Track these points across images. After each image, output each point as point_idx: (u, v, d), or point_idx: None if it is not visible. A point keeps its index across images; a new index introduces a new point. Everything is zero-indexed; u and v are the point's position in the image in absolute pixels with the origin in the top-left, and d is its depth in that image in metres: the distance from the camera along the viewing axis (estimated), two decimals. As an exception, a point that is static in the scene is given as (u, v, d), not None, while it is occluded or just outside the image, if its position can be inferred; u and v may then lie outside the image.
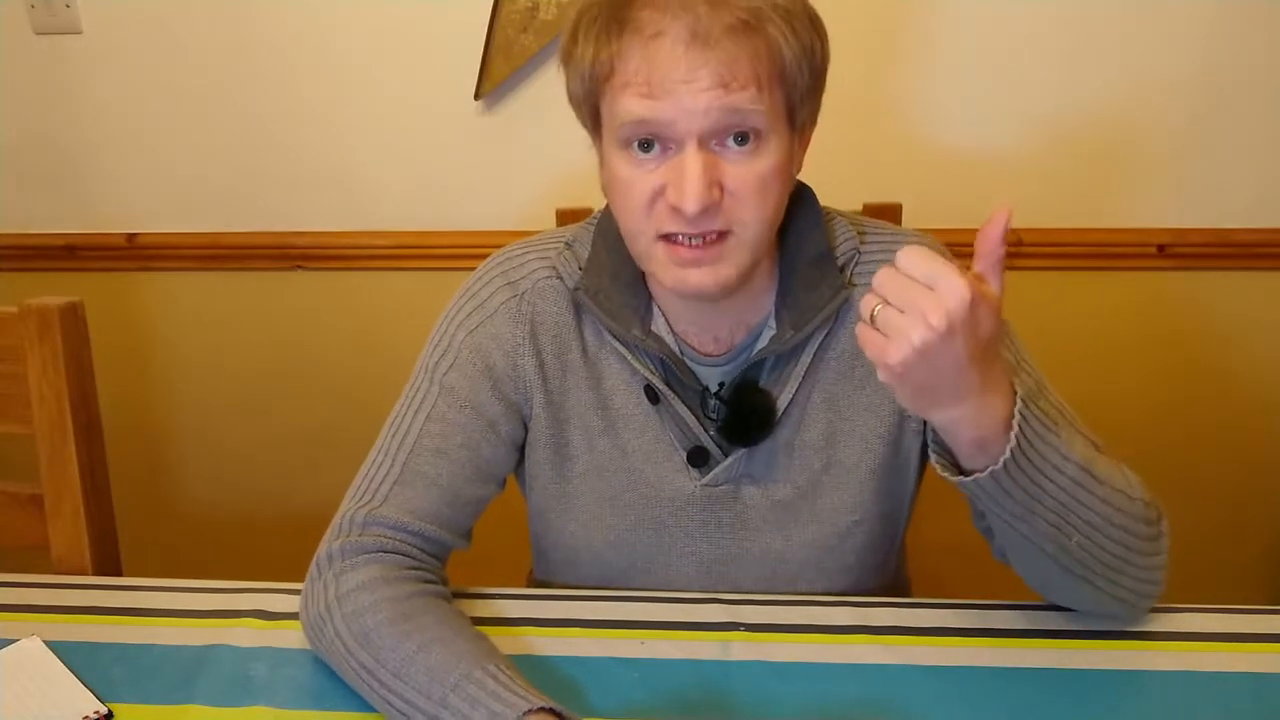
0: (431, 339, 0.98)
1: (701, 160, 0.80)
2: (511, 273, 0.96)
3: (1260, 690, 0.83)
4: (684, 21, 0.77)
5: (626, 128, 0.81)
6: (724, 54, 0.77)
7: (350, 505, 0.92)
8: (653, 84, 0.78)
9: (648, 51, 0.78)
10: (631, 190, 0.83)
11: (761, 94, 0.79)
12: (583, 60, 0.82)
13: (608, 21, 0.80)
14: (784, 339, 0.91)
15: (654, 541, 0.98)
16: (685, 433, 0.95)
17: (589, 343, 0.96)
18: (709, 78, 0.77)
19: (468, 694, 0.75)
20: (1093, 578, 0.83)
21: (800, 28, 0.81)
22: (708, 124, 0.79)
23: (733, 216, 0.82)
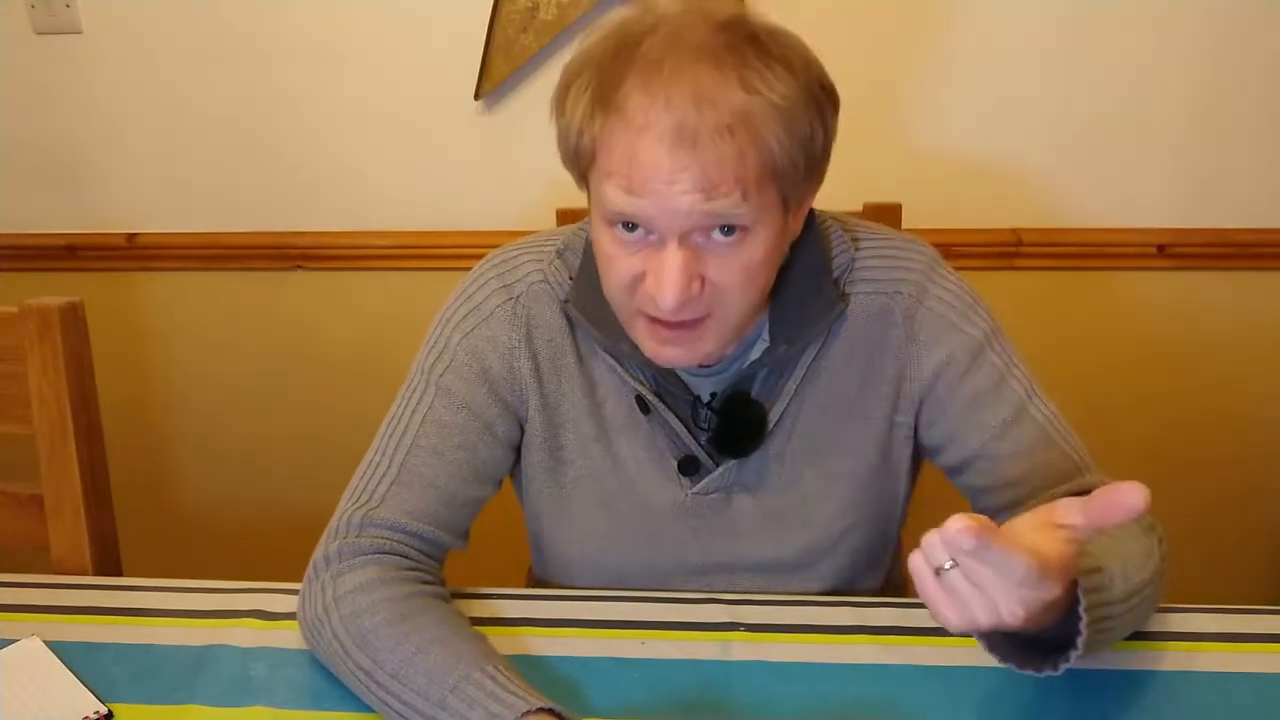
0: (427, 341, 0.98)
1: (681, 258, 0.78)
2: (507, 275, 0.96)
3: (1260, 690, 0.83)
4: (670, 119, 0.74)
5: (609, 214, 0.80)
6: (708, 158, 0.74)
7: (347, 507, 0.92)
8: (633, 181, 0.77)
9: (631, 146, 0.76)
10: (613, 266, 0.83)
11: (748, 198, 0.77)
12: (569, 129, 0.81)
13: (595, 97, 0.78)
14: (777, 352, 0.90)
15: (647, 548, 0.98)
16: (676, 442, 0.95)
17: (582, 349, 0.96)
18: (690, 182, 0.75)
19: (466, 695, 0.75)
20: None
21: (797, 122, 0.77)
22: (689, 224, 0.78)
23: (713, 303, 0.82)
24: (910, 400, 0.94)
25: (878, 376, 0.94)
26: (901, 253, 0.95)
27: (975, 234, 1.60)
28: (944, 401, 0.93)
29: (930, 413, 0.94)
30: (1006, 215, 1.62)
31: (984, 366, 0.92)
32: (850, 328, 0.93)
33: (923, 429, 0.96)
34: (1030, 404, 0.92)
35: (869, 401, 0.94)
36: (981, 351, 0.92)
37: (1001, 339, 0.94)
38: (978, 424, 0.92)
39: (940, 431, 0.94)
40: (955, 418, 0.93)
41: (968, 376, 0.92)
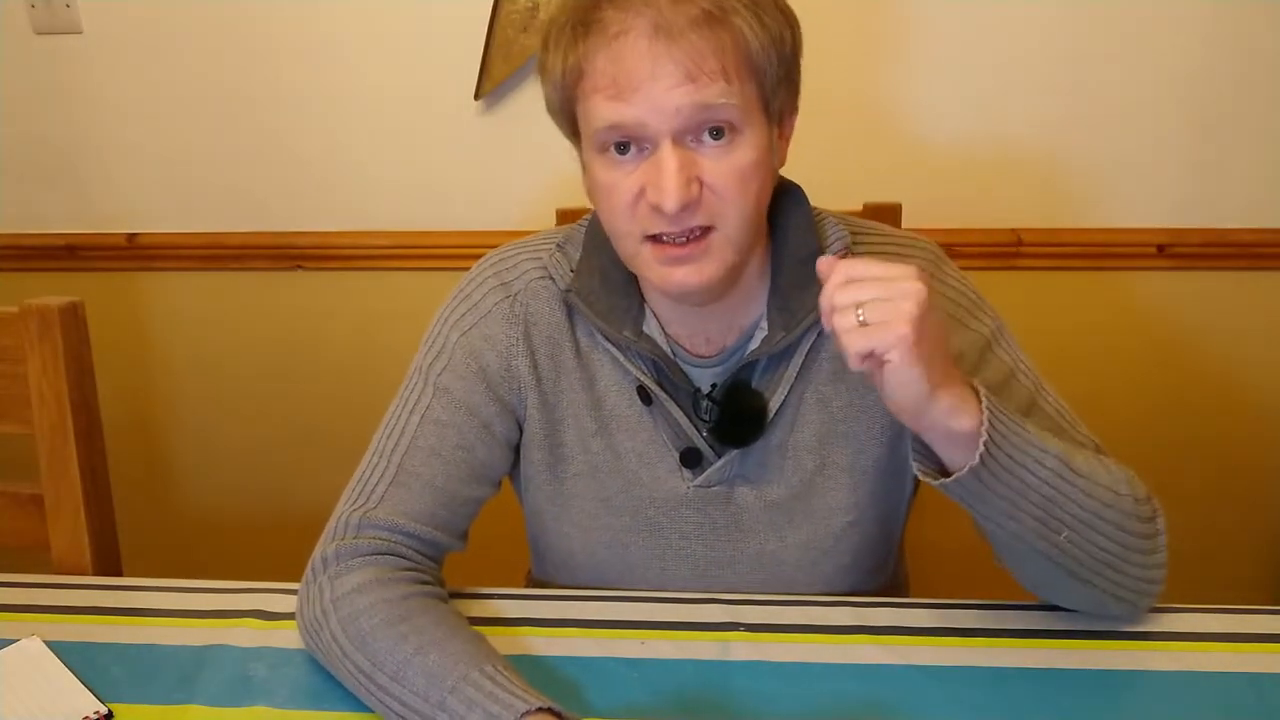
0: (425, 340, 0.98)
1: (677, 157, 0.79)
2: (505, 273, 0.96)
3: (1260, 690, 0.83)
4: (646, 17, 0.77)
5: (601, 133, 0.81)
6: (688, 47, 0.77)
7: (345, 508, 0.92)
8: (620, 84, 0.78)
9: (612, 51, 0.78)
10: (613, 194, 0.83)
11: (731, 86, 0.79)
12: (554, 69, 0.82)
13: (574, 26, 0.80)
14: (775, 340, 0.90)
15: (649, 543, 0.98)
16: (678, 434, 0.95)
17: (582, 343, 0.96)
18: (675, 73, 0.77)
19: (465, 696, 0.75)
20: (1089, 575, 0.83)
21: (768, 17, 0.80)
22: (680, 122, 0.79)
23: (714, 211, 0.82)
24: None
25: None
26: (905, 250, 0.95)
27: (975, 234, 1.60)
28: None
29: None
30: (1006, 215, 1.62)
31: (992, 362, 0.92)
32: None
33: None
34: (1039, 397, 0.92)
35: (871, 394, 0.94)
36: (989, 348, 0.92)
37: (1007, 336, 0.94)
38: None
39: None
40: None
41: (977, 373, 0.91)
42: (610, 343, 0.93)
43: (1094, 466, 0.84)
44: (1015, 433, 0.78)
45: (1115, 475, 0.86)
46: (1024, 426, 0.79)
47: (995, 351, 0.92)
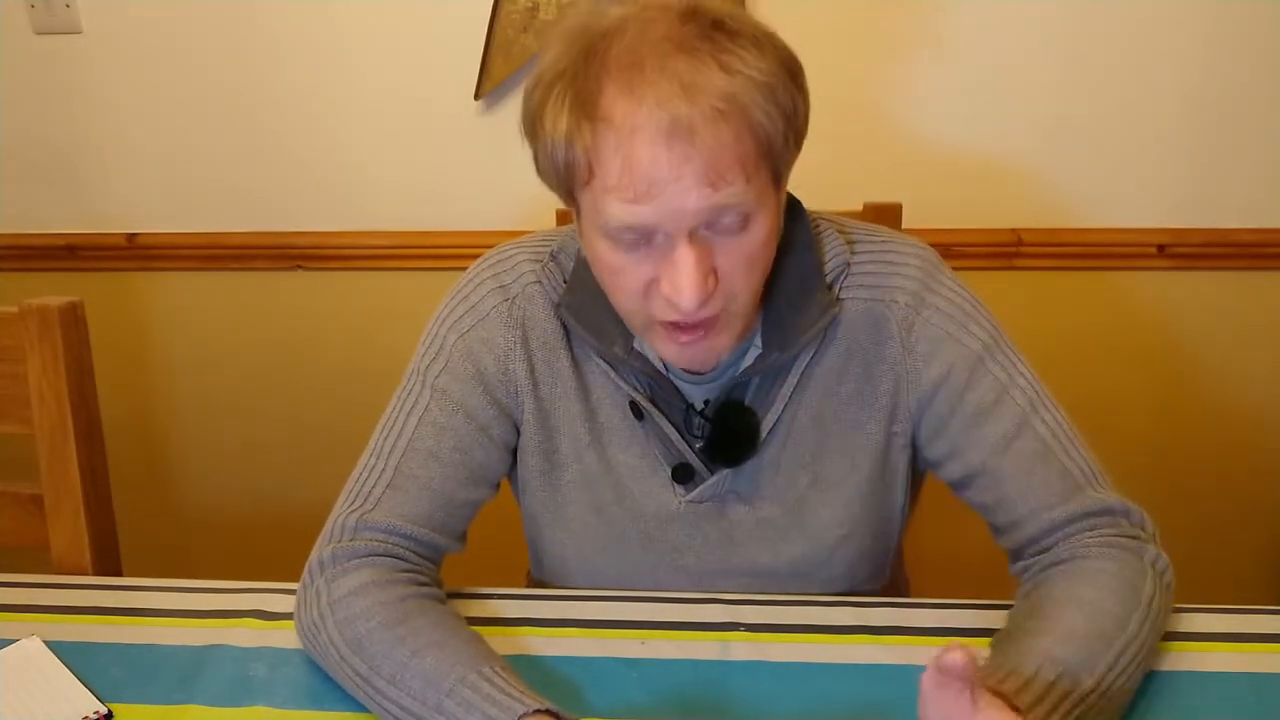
0: (423, 341, 0.97)
1: (694, 255, 0.77)
2: (503, 275, 0.95)
3: (1260, 690, 0.83)
4: (659, 116, 0.73)
5: (614, 230, 0.78)
6: (707, 147, 0.74)
7: (342, 510, 0.92)
8: (637, 189, 0.75)
9: (626, 152, 0.74)
10: (620, 278, 0.82)
11: (750, 182, 0.76)
12: (554, 146, 0.79)
13: (575, 106, 0.76)
14: (770, 359, 0.89)
15: (642, 553, 0.97)
16: (670, 449, 0.94)
17: (577, 353, 0.95)
18: (693, 175, 0.74)
19: (463, 699, 0.75)
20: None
21: (781, 94, 0.77)
22: (698, 221, 0.77)
23: (727, 294, 0.81)
24: (908, 412, 0.93)
25: (874, 387, 0.92)
26: (899, 258, 0.93)
27: (975, 234, 1.60)
28: (944, 416, 0.91)
29: (930, 427, 0.92)
30: (1006, 215, 1.62)
31: (984, 379, 0.90)
32: (845, 334, 0.91)
33: (923, 443, 0.94)
34: (1034, 416, 0.89)
35: (865, 411, 0.93)
36: (981, 363, 0.90)
37: (1003, 346, 0.92)
38: (979, 439, 0.90)
39: (941, 446, 0.92)
40: (956, 433, 0.91)
41: (968, 390, 0.90)
42: (602, 358, 0.92)
43: (1109, 637, 0.78)
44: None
45: (1121, 611, 0.80)
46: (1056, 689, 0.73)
47: (988, 366, 0.90)
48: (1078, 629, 0.78)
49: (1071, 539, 0.87)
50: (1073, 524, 0.87)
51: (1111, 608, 0.80)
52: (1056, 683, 0.73)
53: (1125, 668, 0.77)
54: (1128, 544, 0.86)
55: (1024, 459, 0.89)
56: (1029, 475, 0.88)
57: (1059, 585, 0.84)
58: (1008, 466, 0.89)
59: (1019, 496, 0.89)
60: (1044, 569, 0.87)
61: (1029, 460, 0.89)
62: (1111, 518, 0.87)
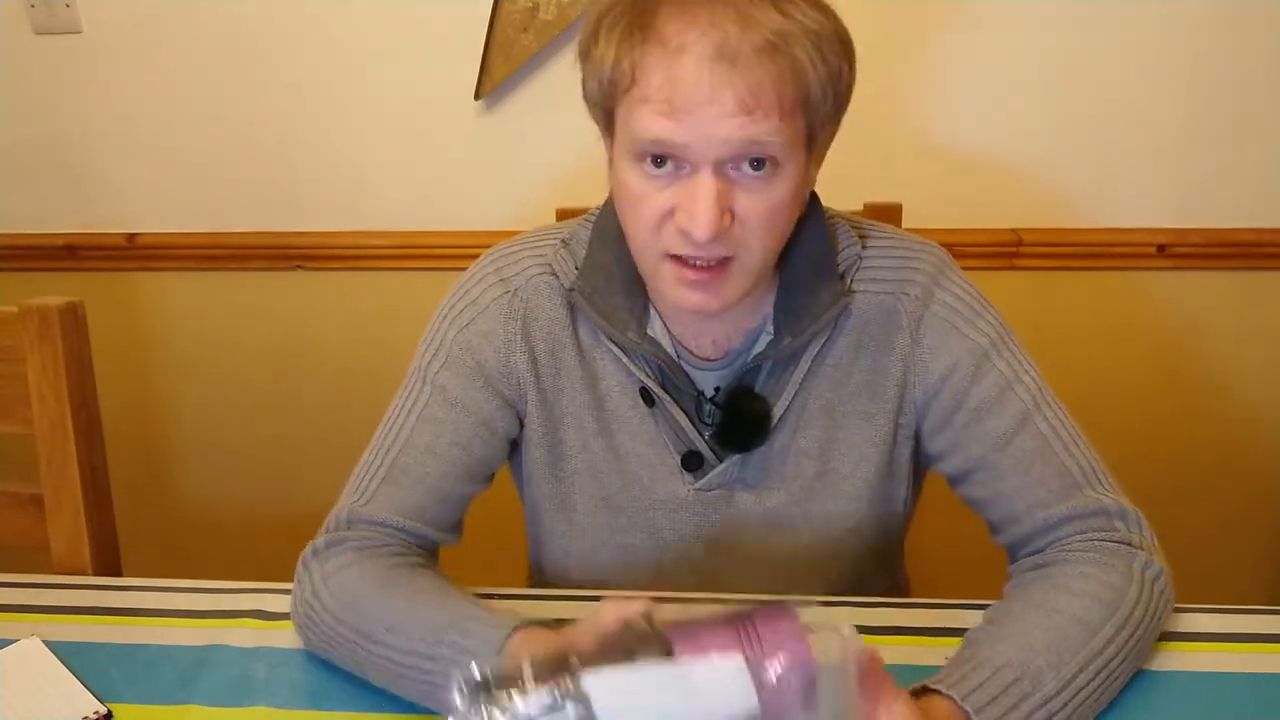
0: (425, 337, 0.97)
1: (715, 187, 0.77)
2: (505, 269, 0.96)
3: (1260, 690, 0.83)
4: (711, 38, 0.74)
5: (642, 144, 0.79)
6: (749, 76, 0.74)
7: (340, 505, 0.93)
8: (674, 103, 0.75)
9: (671, 67, 0.75)
10: (641, 205, 0.82)
11: (784, 122, 0.76)
12: (602, 63, 0.79)
13: (630, 26, 0.77)
14: (781, 345, 0.90)
15: (647, 543, 0.98)
16: (680, 436, 0.94)
17: (584, 342, 0.95)
18: (733, 100, 0.74)
19: (463, 627, 0.77)
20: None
21: (830, 51, 0.77)
22: (726, 151, 0.77)
23: (739, 242, 0.81)
24: (914, 403, 0.94)
25: (883, 377, 0.93)
26: (911, 253, 0.94)
27: (975, 234, 1.60)
28: (948, 409, 0.92)
29: (934, 419, 0.93)
30: (1006, 215, 1.62)
31: (989, 374, 0.90)
32: (856, 325, 0.92)
33: (926, 435, 0.95)
34: (1036, 413, 0.90)
35: (874, 403, 0.94)
36: (987, 358, 0.91)
37: (1010, 344, 0.93)
38: (980, 433, 0.90)
39: (944, 439, 0.93)
40: (959, 426, 0.91)
41: (972, 384, 0.90)
42: (614, 343, 0.92)
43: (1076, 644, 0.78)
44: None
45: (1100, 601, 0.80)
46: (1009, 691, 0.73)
47: (993, 361, 0.91)
48: (1041, 635, 0.77)
49: (1063, 542, 0.87)
50: (1065, 524, 0.87)
51: (1081, 614, 0.79)
52: (1014, 685, 0.73)
53: (1096, 674, 0.77)
54: (1115, 548, 0.85)
55: (1024, 455, 0.89)
56: (1028, 472, 0.89)
57: (1035, 589, 0.83)
58: (1007, 462, 0.89)
59: (1016, 493, 0.89)
60: (1031, 569, 0.88)
61: (1029, 457, 0.89)
62: (1105, 519, 0.87)
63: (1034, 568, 0.87)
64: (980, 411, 0.90)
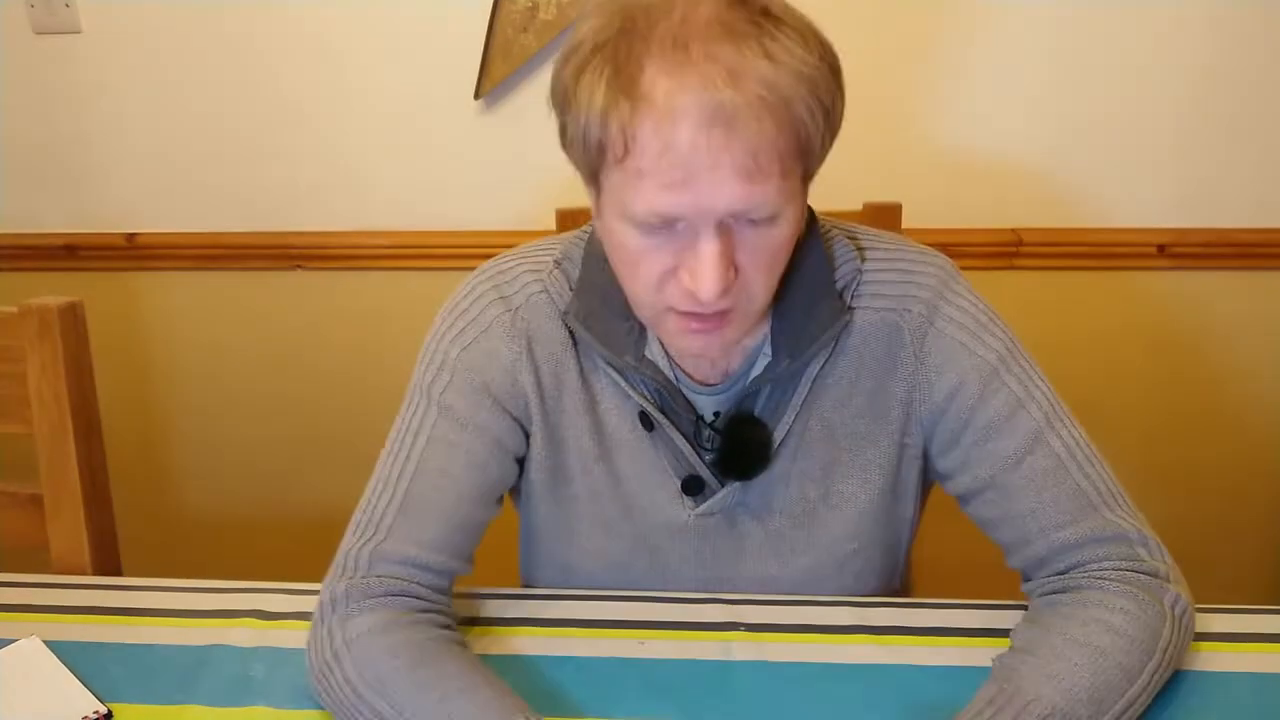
0: (422, 358, 0.93)
1: (719, 246, 0.75)
2: (504, 286, 0.92)
3: (1260, 690, 0.83)
4: (703, 100, 0.70)
5: (640, 215, 0.75)
6: (747, 138, 0.71)
7: (353, 541, 0.87)
8: (673, 175, 0.72)
9: (665, 136, 0.71)
10: (639, 265, 0.79)
11: (784, 179, 0.74)
12: (587, 121, 0.74)
13: (614, 80, 0.73)
14: (779, 367, 0.88)
15: (648, 565, 0.96)
16: (680, 461, 0.92)
17: (584, 364, 0.92)
18: (731, 165, 0.71)
19: None
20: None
21: (823, 90, 0.74)
22: (728, 214, 0.74)
23: (745, 289, 0.79)
24: (920, 424, 0.91)
25: (886, 398, 0.90)
26: (913, 267, 0.91)
27: (975, 234, 1.60)
28: (956, 429, 0.89)
29: (942, 439, 0.90)
30: (1006, 215, 1.62)
31: (999, 392, 0.87)
32: (857, 344, 0.89)
33: (934, 455, 0.92)
34: (1049, 431, 0.87)
35: (877, 424, 0.91)
36: (995, 375, 0.88)
37: (1020, 358, 0.89)
38: (990, 453, 0.87)
39: (953, 459, 0.90)
40: (968, 446, 0.88)
41: (981, 403, 0.87)
42: (612, 367, 0.90)
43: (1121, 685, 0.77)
44: None
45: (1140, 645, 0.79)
46: None
47: (1002, 378, 0.88)
48: (1087, 679, 0.76)
49: (1087, 567, 0.84)
50: (1084, 549, 0.85)
51: (1124, 659, 0.78)
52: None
53: (1131, 717, 0.77)
54: (1146, 581, 0.83)
55: (1036, 475, 0.86)
56: (1040, 492, 0.86)
57: (1074, 623, 0.80)
58: (1019, 482, 0.86)
59: (1029, 514, 0.86)
60: (1057, 591, 0.85)
61: (1042, 477, 0.86)
62: (1127, 546, 0.84)
63: (1061, 589, 0.85)
64: (990, 431, 0.87)
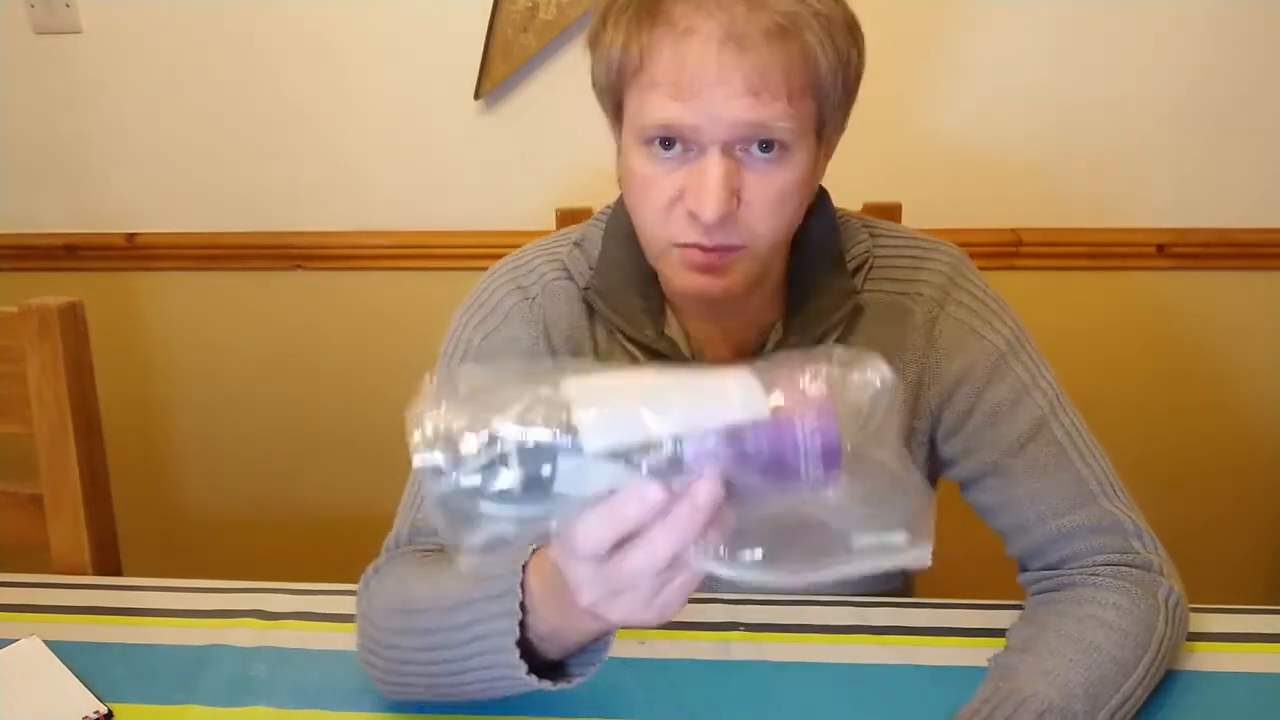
0: (445, 348, 0.95)
1: (723, 167, 0.76)
2: (521, 278, 0.94)
3: (1260, 690, 0.83)
4: (719, 20, 0.73)
5: (650, 128, 0.78)
6: (758, 59, 0.73)
7: (396, 525, 0.91)
8: (681, 85, 0.75)
9: (678, 49, 0.75)
10: (649, 190, 0.81)
11: (792, 106, 0.75)
12: (610, 49, 0.78)
13: (639, 11, 0.76)
14: (791, 343, 0.88)
15: None
16: None
17: (601, 345, 0.93)
18: (741, 83, 0.74)
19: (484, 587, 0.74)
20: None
21: (839, 36, 0.77)
22: (734, 133, 0.76)
23: (747, 228, 0.80)
24: (929, 407, 0.92)
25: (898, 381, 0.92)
26: (925, 253, 0.92)
27: (975, 234, 1.60)
28: (963, 412, 0.90)
29: (949, 422, 0.91)
30: (1006, 215, 1.62)
31: (1006, 377, 0.89)
32: (868, 326, 0.90)
33: (940, 439, 0.93)
34: (1053, 418, 0.88)
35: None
36: (1004, 360, 0.89)
37: (1028, 346, 0.91)
38: (994, 437, 0.89)
39: (957, 443, 0.91)
40: (973, 430, 0.90)
41: (988, 387, 0.89)
42: (631, 342, 0.91)
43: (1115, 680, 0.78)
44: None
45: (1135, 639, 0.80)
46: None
47: (1010, 364, 0.89)
48: (1081, 675, 0.77)
49: (1081, 560, 0.85)
50: (1081, 538, 0.86)
51: (1119, 654, 0.78)
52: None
53: (1124, 715, 0.77)
54: (1140, 575, 0.84)
55: (1038, 461, 0.87)
56: (1040, 478, 0.87)
57: (1069, 619, 0.81)
58: (1020, 467, 0.88)
59: (1027, 500, 0.87)
60: (1052, 589, 0.86)
61: (1043, 463, 0.87)
62: (1123, 538, 0.85)
63: (1056, 587, 0.86)
64: (995, 415, 0.89)
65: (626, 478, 0.50)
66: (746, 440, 0.50)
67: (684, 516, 0.51)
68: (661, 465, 0.50)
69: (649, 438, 0.50)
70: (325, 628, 0.93)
